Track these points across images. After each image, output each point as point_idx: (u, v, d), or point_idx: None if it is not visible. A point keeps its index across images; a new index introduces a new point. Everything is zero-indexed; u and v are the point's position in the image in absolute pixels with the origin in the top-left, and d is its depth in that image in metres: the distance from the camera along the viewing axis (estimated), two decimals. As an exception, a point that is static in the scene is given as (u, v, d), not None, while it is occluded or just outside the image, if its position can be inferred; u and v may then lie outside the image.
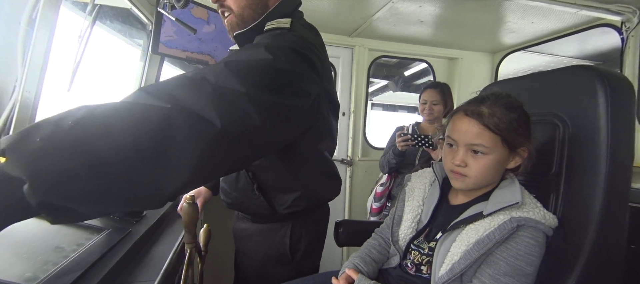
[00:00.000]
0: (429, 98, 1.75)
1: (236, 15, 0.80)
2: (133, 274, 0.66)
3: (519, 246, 0.63)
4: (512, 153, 0.69)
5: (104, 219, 0.80)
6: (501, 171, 0.71)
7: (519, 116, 0.68)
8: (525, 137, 0.69)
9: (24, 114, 1.05)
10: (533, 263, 0.63)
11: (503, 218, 0.65)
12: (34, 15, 1.02)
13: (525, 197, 0.68)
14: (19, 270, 0.50)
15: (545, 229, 0.63)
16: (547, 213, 0.65)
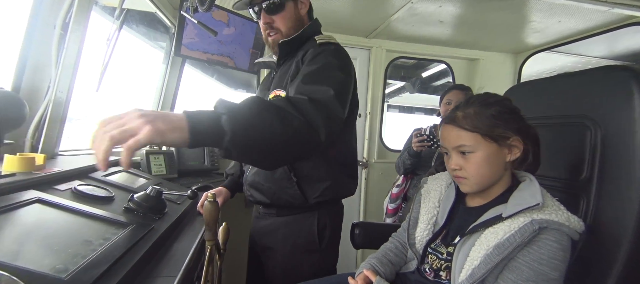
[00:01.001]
0: (454, 99, 1.69)
1: (284, 33, 1.02)
2: (156, 269, 0.68)
3: (542, 250, 0.61)
4: (502, 146, 0.70)
5: (128, 215, 0.83)
6: (500, 165, 0.71)
7: (497, 110, 0.70)
8: (510, 128, 0.69)
9: (56, 112, 1.11)
10: (557, 268, 0.60)
11: (524, 220, 0.63)
12: (68, 19, 1.07)
13: (547, 199, 0.65)
14: (50, 262, 0.52)
15: (570, 233, 0.61)
16: (572, 216, 0.62)
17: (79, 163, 1.06)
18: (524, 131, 0.71)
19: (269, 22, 1.01)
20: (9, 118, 0.81)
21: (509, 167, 0.73)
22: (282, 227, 1.04)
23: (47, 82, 1.10)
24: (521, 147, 0.70)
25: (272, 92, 1.04)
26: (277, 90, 1.03)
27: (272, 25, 1.01)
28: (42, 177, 0.83)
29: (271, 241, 1.05)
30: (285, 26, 1.01)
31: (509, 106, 0.73)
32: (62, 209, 0.72)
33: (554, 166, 0.79)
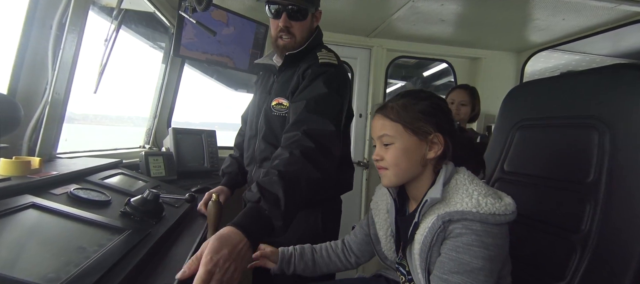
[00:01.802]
0: (458, 98, 1.69)
1: (297, 40, 1.08)
2: (152, 276, 0.66)
3: (456, 240, 0.61)
4: (422, 141, 0.71)
5: (125, 220, 0.82)
6: (417, 160, 0.71)
7: (425, 106, 0.71)
8: (432, 124, 0.70)
9: (54, 113, 1.09)
10: (478, 255, 0.58)
11: (432, 219, 0.64)
12: (64, 19, 1.06)
13: (455, 189, 0.65)
14: (42, 270, 0.51)
15: (481, 218, 0.59)
16: (486, 199, 0.60)
17: (76, 166, 1.05)
18: (449, 130, 0.71)
19: (287, 27, 1.05)
20: (3, 122, 0.79)
21: (430, 164, 0.72)
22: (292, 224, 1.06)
23: (44, 84, 1.08)
24: (442, 145, 0.70)
25: (275, 100, 1.09)
26: (280, 98, 1.08)
27: (289, 30, 1.05)
28: (38, 181, 0.81)
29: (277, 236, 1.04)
30: (300, 34, 1.07)
31: (439, 104, 0.73)
32: (56, 214, 0.71)
33: (559, 168, 0.77)
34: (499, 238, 0.60)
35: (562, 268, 0.66)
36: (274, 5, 1.04)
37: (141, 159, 1.50)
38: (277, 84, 1.12)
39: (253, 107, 1.23)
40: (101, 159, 1.27)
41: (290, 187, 0.75)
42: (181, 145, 1.77)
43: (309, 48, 1.08)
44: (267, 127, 1.11)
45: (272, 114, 1.09)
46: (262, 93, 1.20)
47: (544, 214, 0.76)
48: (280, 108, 1.08)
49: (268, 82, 1.20)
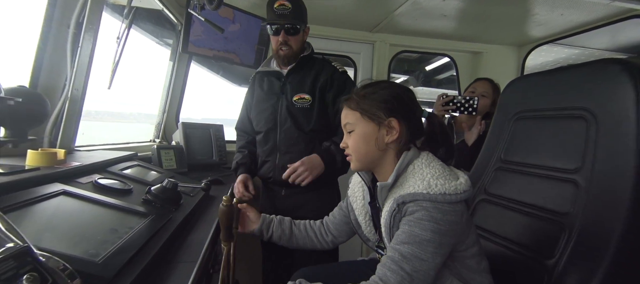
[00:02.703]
0: (480, 89, 1.58)
1: (293, 50, 1.35)
2: (177, 256, 0.72)
3: (409, 217, 0.67)
4: (380, 126, 0.75)
5: (147, 206, 0.87)
6: (375, 144, 0.76)
7: (383, 95, 0.76)
8: (387, 110, 0.74)
9: (73, 108, 1.15)
10: (428, 228, 0.64)
11: (389, 202, 0.71)
12: (81, 19, 1.11)
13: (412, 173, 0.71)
14: (83, 248, 0.56)
15: (430, 198, 0.65)
16: (440, 181, 0.66)
17: (95, 158, 1.10)
18: (407, 117, 0.75)
19: (285, 41, 1.32)
20: (34, 115, 0.85)
21: (391, 149, 0.76)
22: (311, 201, 1.36)
23: (62, 80, 1.14)
24: (397, 130, 0.74)
25: (296, 95, 1.35)
26: (301, 93, 1.35)
27: (287, 43, 1.33)
28: (65, 171, 0.87)
29: (301, 214, 1.21)
30: (296, 46, 1.35)
31: (399, 93, 0.77)
32: (86, 200, 0.77)
33: (551, 156, 0.82)
34: (451, 214, 0.65)
35: (551, 247, 0.72)
36: (275, 25, 1.32)
37: (153, 152, 1.56)
38: (291, 84, 1.38)
39: (265, 107, 1.42)
40: (117, 152, 1.33)
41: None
42: (190, 139, 1.83)
43: (310, 57, 1.41)
44: (291, 118, 1.35)
45: (295, 107, 1.35)
46: (270, 94, 1.42)
47: (537, 200, 0.81)
48: (303, 101, 1.35)
49: (273, 85, 1.43)
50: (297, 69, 1.38)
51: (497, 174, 0.98)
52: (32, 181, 0.75)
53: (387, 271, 0.66)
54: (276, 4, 1.30)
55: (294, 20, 1.31)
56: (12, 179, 0.71)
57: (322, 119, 1.35)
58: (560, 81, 0.82)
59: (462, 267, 0.70)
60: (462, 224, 0.67)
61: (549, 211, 0.77)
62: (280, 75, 1.40)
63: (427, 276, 0.64)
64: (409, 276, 0.63)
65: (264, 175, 1.44)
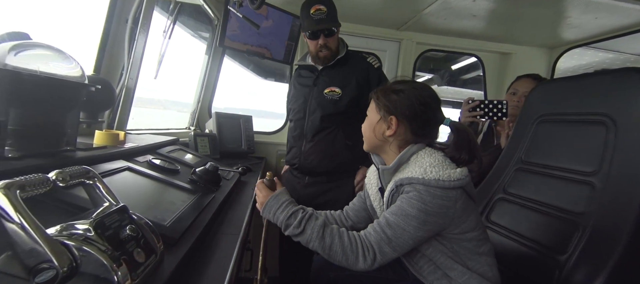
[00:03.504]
0: (522, 88, 1.45)
1: (332, 50, 1.45)
2: (221, 228, 0.83)
3: (402, 195, 0.76)
4: (384, 120, 0.85)
5: (193, 185, 0.99)
6: (376, 133, 0.87)
7: (395, 95, 0.83)
8: (391, 108, 0.83)
9: (128, 95, 1.29)
10: (414, 207, 0.73)
11: (390, 185, 0.81)
12: (137, 15, 1.24)
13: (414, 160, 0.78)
14: (153, 213, 0.68)
15: (424, 182, 0.72)
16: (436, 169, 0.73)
17: (145, 141, 1.24)
18: (411, 119, 0.82)
19: (325, 43, 1.42)
20: (106, 101, 0.99)
21: (391, 141, 0.85)
22: (330, 190, 1.47)
23: (120, 70, 1.28)
24: (395, 127, 0.82)
25: (328, 89, 1.45)
26: (333, 87, 1.45)
27: (327, 46, 1.43)
28: (126, 150, 1.00)
29: (320, 201, 1.44)
30: (334, 46, 1.46)
31: (409, 98, 0.82)
32: (145, 176, 0.89)
33: (570, 159, 0.85)
34: (441, 199, 0.72)
35: (565, 244, 0.76)
36: (314, 30, 1.40)
37: (190, 138, 1.70)
38: (324, 79, 1.48)
39: (297, 98, 1.55)
40: (161, 136, 1.47)
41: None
42: (223, 128, 1.96)
43: (348, 54, 1.50)
44: (320, 108, 1.45)
45: (325, 98, 1.45)
46: (303, 87, 1.54)
47: (554, 200, 0.85)
48: (333, 94, 1.45)
49: (307, 78, 1.55)
50: (331, 66, 1.48)
51: (517, 174, 1.01)
52: (104, 157, 0.88)
53: (371, 230, 0.77)
54: (312, 10, 1.37)
55: (330, 23, 1.38)
56: (89, 154, 0.85)
57: (348, 110, 1.42)
58: (583, 87, 0.85)
59: (459, 248, 0.77)
60: (456, 209, 0.74)
61: (564, 211, 0.81)
62: (315, 69, 1.52)
63: (405, 243, 0.74)
64: (387, 238, 0.74)
65: (289, 161, 1.57)
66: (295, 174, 1.56)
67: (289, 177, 1.61)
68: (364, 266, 0.75)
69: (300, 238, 0.81)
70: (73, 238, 0.42)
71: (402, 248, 0.75)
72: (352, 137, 1.41)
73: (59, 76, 0.72)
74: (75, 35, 1.29)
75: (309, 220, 0.82)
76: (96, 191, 0.55)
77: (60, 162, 0.74)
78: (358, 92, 1.41)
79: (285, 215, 0.83)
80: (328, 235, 0.79)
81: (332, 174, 1.44)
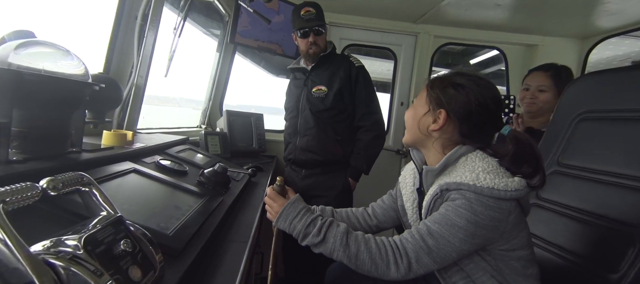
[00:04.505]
0: (534, 82, 1.34)
1: (321, 47, 1.58)
2: (230, 234, 0.78)
3: (448, 202, 0.67)
4: (430, 112, 0.76)
5: (201, 187, 0.95)
6: (419, 125, 0.78)
7: (453, 89, 0.74)
8: (443, 103, 0.74)
9: (138, 93, 1.27)
10: (463, 216, 0.64)
11: (434, 188, 0.72)
12: (147, 11, 1.21)
13: (464, 165, 0.69)
14: (156, 221, 0.64)
15: (476, 190, 0.63)
16: (490, 176, 0.64)
17: (154, 141, 1.21)
18: (464, 118, 0.72)
19: (314, 41, 1.55)
20: (112, 100, 0.95)
21: (435, 136, 0.76)
22: (326, 181, 1.59)
23: (129, 68, 1.25)
24: (442, 122, 0.74)
25: (315, 87, 1.59)
26: (319, 86, 1.58)
27: (316, 43, 1.56)
28: (133, 151, 0.97)
29: (318, 191, 1.59)
30: (322, 44, 1.59)
31: (470, 98, 0.72)
32: (152, 178, 0.85)
33: (625, 163, 0.75)
34: (494, 210, 0.63)
35: (617, 261, 0.66)
36: (304, 30, 1.54)
37: (201, 137, 1.67)
38: (312, 78, 1.61)
39: (291, 98, 1.70)
40: (171, 136, 1.44)
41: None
42: (233, 126, 1.93)
43: (330, 54, 1.62)
44: (309, 104, 1.58)
45: (313, 96, 1.59)
46: (296, 87, 1.68)
47: (601, 208, 0.75)
48: (320, 92, 1.58)
49: (299, 79, 1.68)
50: (318, 66, 1.62)
51: (552, 178, 0.92)
52: (110, 159, 0.85)
53: (408, 236, 0.69)
54: (303, 11, 1.54)
55: (319, 23, 1.54)
56: (94, 156, 0.81)
57: (334, 106, 1.55)
58: (636, 80, 0.74)
59: (504, 266, 0.68)
60: (508, 223, 0.65)
61: (615, 221, 0.71)
62: (305, 70, 1.66)
63: (447, 256, 0.66)
64: (428, 248, 0.66)
65: (287, 156, 1.70)
66: (293, 168, 1.69)
67: (289, 172, 1.73)
68: (396, 275, 0.66)
69: (321, 248, 0.73)
70: (60, 257, 0.38)
71: (443, 261, 0.66)
72: (340, 132, 1.57)
73: (61, 74, 0.69)
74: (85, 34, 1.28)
75: (330, 227, 0.74)
76: (92, 198, 0.51)
77: (63, 164, 0.70)
78: (341, 89, 1.54)
79: (304, 224, 0.75)
80: (353, 242, 0.71)
81: (325, 165, 1.58)
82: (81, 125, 0.81)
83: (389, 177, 2.28)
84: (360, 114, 1.57)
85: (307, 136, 1.58)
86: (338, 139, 1.57)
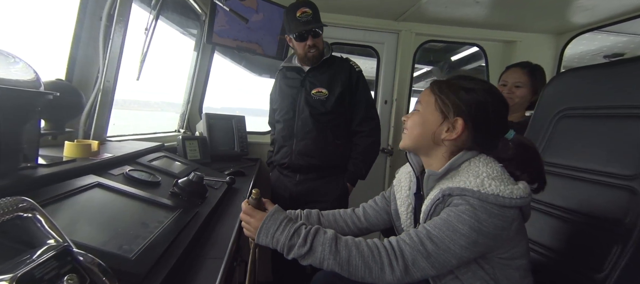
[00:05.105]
0: (511, 79, 1.42)
1: (320, 50, 1.51)
2: (204, 250, 0.73)
3: (451, 208, 0.64)
4: (444, 120, 0.72)
5: (174, 199, 0.89)
6: (431, 133, 0.74)
7: (468, 96, 0.70)
8: (460, 111, 0.70)
9: (105, 99, 1.18)
10: (465, 223, 0.61)
11: (435, 192, 0.69)
12: (112, 11, 1.12)
13: (468, 169, 0.67)
14: (118, 243, 0.58)
15: (480, 196, 0.61)
16: (495, 182, 0.62)
17: (125, 149, 1.14)
18: (480, 125, 0.70)
19: (313, 44, 1.48)
20: (71, 108, 0.88)
21: (445, 145, 0.73)
22: (321, 186, 1.53)
23: (95, 73, 1.17)
24: (460, 131, 0.70)
25: (315, 89, 1.52)
26: (319, 88, 1.52)
27: (315, 45, 1.49)
28: (98, 162, 0.90)
29: (314, 196, 1.53)
30: (321, 46, 1.52)
31: (485, 101, 0.70)
32: (118, 193, 0.79)
33: (605, 160, 0.74)
34: (498, 218, 0.61)
35: (601, 260, 0.66)
36: (303, 32, 1.45)
37: (178, 142, 1.60)
38: (310, 79, 1.54)
39: (285, 98, 1.59)
40: (145, 143, 1.36)
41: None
42: (213, 130, 1.85)
43: (333, 57, 1.57)
44: (308, 107, 1.51)
45: (313, 98, 1.51)
46: (290, 88, 1.58)
47: (584, 206, 0.75)
48: (320, 94, 1.51)
49: (294, 79, 1.58)
50: (317, 67, 1.54)
51: (536, 176, 0.91)
52: (70, 173, 0.77)
53: (406, 238, 0.65)
54: (299, 13, 1.44)
55: (317, 24, 1.45)
56: (52, 171, 0.74)
57: (335, 109, 1.49)
58: (616, 76, 0.74)
59: (502, 275, 0.66)
60: (511, 231, 0.63)
61: (598, 219, 0.71)
62: (301, 70, 1.57)
63: (446, 262, 0.63)
64: (426, 252, 0.63)
65: (279, 160, 1.59)
66: (286, 173, 1.59)
67: (279, 177, 1.62)
68: (391, 278, 0.63)
69: (310, 258, 0.68)
70: (-15, 302, 0.32)
71: (442, 267, 0.63)
72: (340, 136, 1.52)
73: (4, 82, 0.62)
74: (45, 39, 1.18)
75: (317, 235, 0.69)
76: (36, 225, 0.45)
77: (14, 183, 0.63)
78: (343, 93, 1.49)
79: (287, 235, 0.69)
80: (343, 248, 0.66)
81: (322, 169, 1.52)
82: (35, 137, 0.74)
83: (376, 177, 2.27)
84: (359, 119, 1.52)
85: (306, 139, 1.50)
86: (338, 143, 1.51)
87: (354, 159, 1.53)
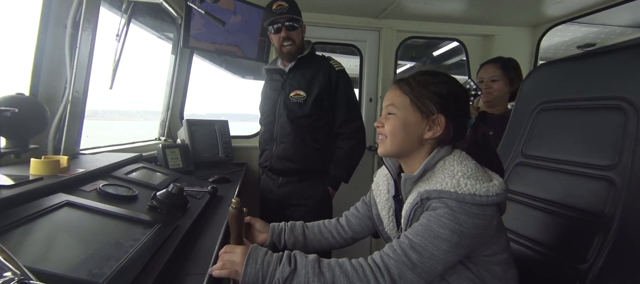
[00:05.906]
0: (486, 75, 1.51)
1: (297, 45, 1.49)
2: (185, 267, 0.69)
3: (430, 212, 0.63)
4: (425, 120, 0.71)
5: (153, 213, 0.85)
6: (414, 136, 0.72)
7: (441, 89, 0.70)
8: (440, 106, 0.69)
9: (75, 111, 1.12)
10: (446, 226, 0.60)
11: (413, 196, 0.68)
12: (78, 17, 1.06)
13: (443, 169, 0.66)
14: (87, 267, 0.54)
15: (457, 198, 0.61)
16: (471, 181, 0.62)
17: (100, 162, 1.08)
18: (457, 116, 0.70)
19: (287, 36, 1.45)
20: (33, 124, 0.82)
21: (428, 144, 0.72)
22: (304, 189, 1.51)
23: (63, 84, 1.10)
24: (442, 128, 0.70)
25: (293, 92, 1.49)
26: (297, 90, 1.49)
27: (290, 38, 1.45)
28: (68, 179, 0.85)
29: (295, 199, 1.52)
30: (298, 40, 1.49)
31: (457, 92, 0.71)
32: (90, 211, 0.74)
33: (582, 151, 0.76)
34: (477, 218, 0.60)
35: (584, 251, 0.67)
36: (276, 24, 1.44)
37: (159, 151, 1.54)
38: (290, 81, 1.52)
39: (267, 101, 1.60)
40: (122, 154, 1.30)
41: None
42: (196, 136, 1.80)
43: (309, 55, 1.52)
44: (286, 111, 1.49)
45: (291, 101, 1.49)
46: (273, 90, 1.57)
47: (566, 198, 0.76)
48: (298, 97, 1.49)
49: (276, 81, 1.58)
50: (296, 68, 1.53)
51: (518, 169, 0.92)
52: (35, 193, 0.72)
53: (390, 252, 0.64)
54: (274, 5, 1.43)
55: (291, 15, 1.43)
56: (15, 192, 0.69)
57: (313, 112, 1.48)
58: (592, 68, 0.75)
59: (486, 273, 0.66)
60: (491, 229, 0.63)
61: (579, 211, 0.72)
62: (283, 72, 1.55)
63: (433, 270, 0.61)
64: (412, 263, 0.61)
65: (262, 163, 1.61)
66: (270, 175, 1.60)
67: (265, 180, 1.64)
68: None
69: (294, 281, 0.64)
70: None
71: (429, 275, 0.61)
72: (319, 140, 1.49)
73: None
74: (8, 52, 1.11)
75: (299, 256, 0.66)
76: (-11, 258, 0.41)
77: (-33, 209, 0.58)
78: (320, 94, 1.47)
79: (273, 265, 0.65)
80: (326, 269, 0.64)
81: (302, 173, 1.51)
82: (-6, 157, 0.68)
83: (364, 176, 2.27)
84: (340, 121, 1.50)
85: (284, 143, 1.50)
86: (316, 147, 1.49)
87: (335, 163, 1.51)
